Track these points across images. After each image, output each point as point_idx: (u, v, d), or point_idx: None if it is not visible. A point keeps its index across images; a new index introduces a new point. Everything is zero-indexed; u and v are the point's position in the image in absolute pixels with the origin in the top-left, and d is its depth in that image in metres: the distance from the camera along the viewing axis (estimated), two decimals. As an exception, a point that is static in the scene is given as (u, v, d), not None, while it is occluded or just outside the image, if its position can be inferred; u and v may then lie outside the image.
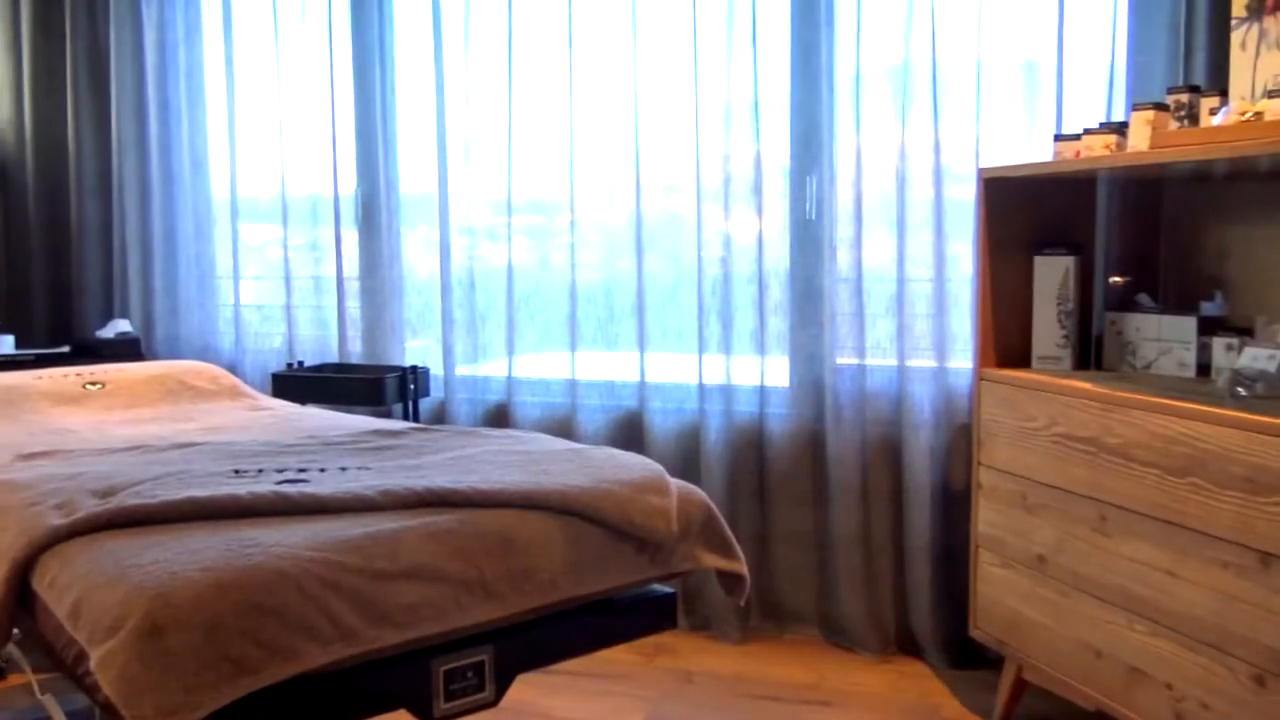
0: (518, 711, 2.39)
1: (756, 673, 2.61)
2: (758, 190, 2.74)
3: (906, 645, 2.73)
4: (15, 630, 1.41)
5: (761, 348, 2.78)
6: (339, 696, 1.30)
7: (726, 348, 2.80)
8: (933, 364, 2.61)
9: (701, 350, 2.81)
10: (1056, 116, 2.47)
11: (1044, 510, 2.07)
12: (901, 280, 2.62)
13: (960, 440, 2.62)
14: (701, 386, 2.81)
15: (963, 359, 2.61)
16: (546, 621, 1.49)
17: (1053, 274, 2.20)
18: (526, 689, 2.51)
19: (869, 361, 2.68)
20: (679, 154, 2.84)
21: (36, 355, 3.12)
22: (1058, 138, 2.21)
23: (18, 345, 3.41)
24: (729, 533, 1.67)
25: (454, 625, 1.37)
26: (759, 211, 2.75)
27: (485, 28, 2.98)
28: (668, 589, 1.65)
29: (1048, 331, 2.21)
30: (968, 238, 2.58)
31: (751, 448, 2.81)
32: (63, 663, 1.29)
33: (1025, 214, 2.28)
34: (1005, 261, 2.27)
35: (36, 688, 1.76)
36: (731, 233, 2.78)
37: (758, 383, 2.80)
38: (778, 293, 2.77)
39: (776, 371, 2.79)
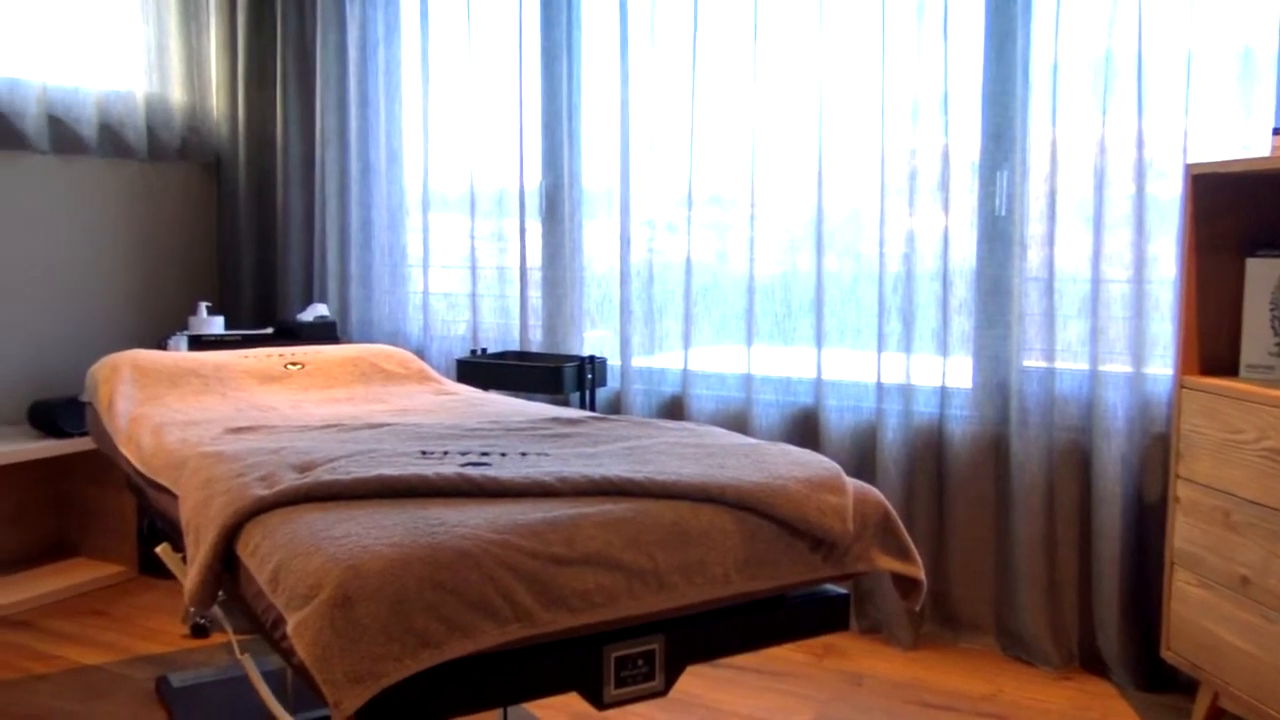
0: (685, 703, 2.40)
1: (929, 680, 2.54)
2: (944, 185, 2.66)
3: (1090, 662, 2.61)
4: (220, 593, 1.51)
5: (944, 347, 2.70)
6: (512, 676, 1.33)
7: (907, 346, 2.73)
8: (1128, 369, 2.48)
9: (881, 348, 2.76)
10: (1276, 108, 2.31)
11: (1250, 529, 1.94)
12: (1096, 280, 2.50)
13: (1156, 450, 2.48)
14: (880, 385, 2.75)
15: (1161, 365, 2.47)
16: (718, 615, 1.49)
17: (1267, 277, 2.06)
18: (694, 681, 2.52)
19: (1059, 364, 2.57)
20: (862, 148, 2.79)
21: (243, 336, 3.32)
22: (1276, 131, 2.06)
23: (227, 326, 3.64)
24: (906, 535, 1.63)
25: (626, 613, 1.38)
26: (945, 207, 2.67)
27: (671, 22, 3.00)
28: (841, 590, 1.62)
29: (1259, 338, 2.07)
30: (1171, 237, 2.44)
31: (930, 449, 2.74)
32: (261, 625, 1.37)
33: (1237, 213, 2.14)
34: (1212, 263, 2.13)
35: (236, 647, 1.88)
36: (915, 229, 2.71)
37: (938, 383, 2.72)
38: (963, 291, 2.69)
39: (959, 372, 2.71)
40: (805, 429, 2.90)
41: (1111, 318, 2.50)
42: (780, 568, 1.50)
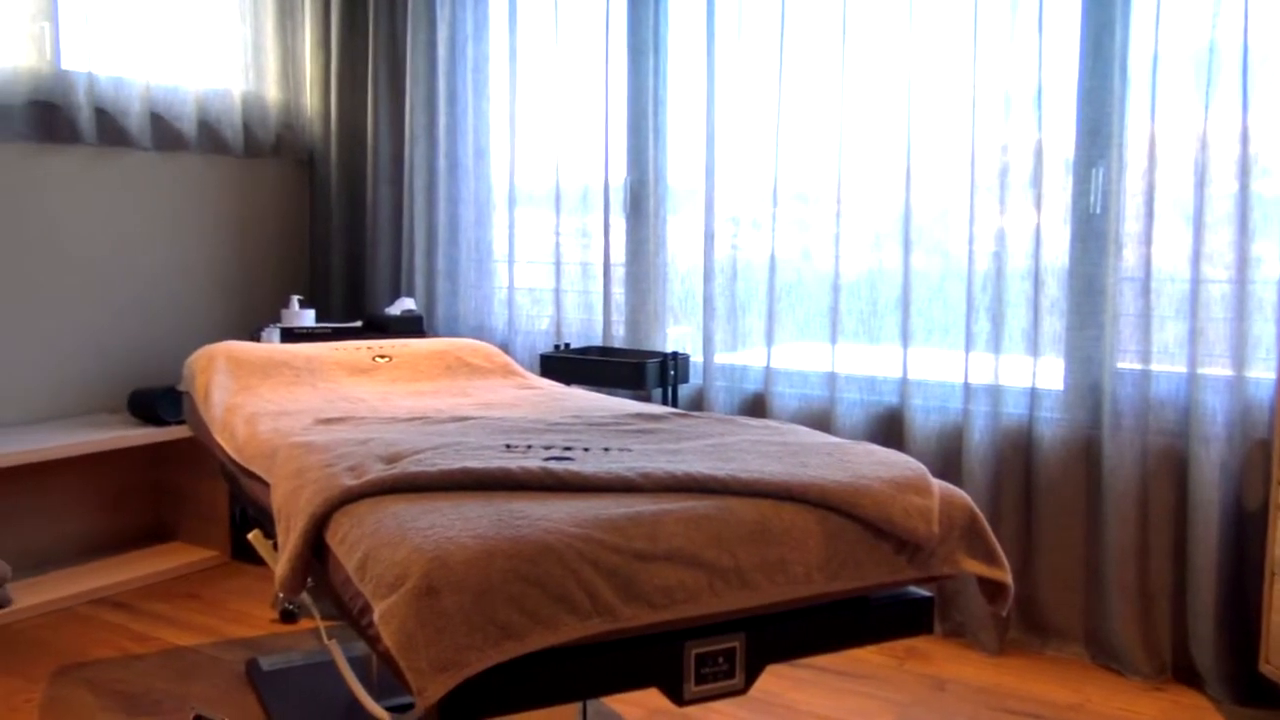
0: (765, 702, 2.39)
1: (1014, 687, 2.49)
2: (1037, 182, 2.61)
3: (1183, 674, 2.53)
4: (309, 580, 1.54)
5: (1034, 348, 2.65)
6: (593, 670, 1.34)
7: (996, 346, 2.68)
8: (1228, 372, 2.40)
9: (968, 348, 2.71)
10: (1391, 102, 2.21)
11: (1356, 540, 1.87)
12: (1195, 280, 2.42)
13: (1257, 456, 2.40)
14: (967, 385, 2.71)
15: (1265, 368, 2.39)
16: (799, 614, 1.48)
17: (1379, 278, 1.97)
18: (774, 680, 2.51)
19: (1154, 367, 2.50)
20: (952, 144, 2.74)
21: (333, 329, 3.39)
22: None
23: (317, 319, 3.72)
24: (993, 538, 1.60)
25: (707, 610, 1.38)
26: (1037, 204, 2.61)
27: (758, 16, 2.98)
28: (925, 592, 1.60)
29: (1370, 342, 1.99)
30: (1275, 236, 2.36)
31: (1018, 452, 2.69)
32: (349, 612, 1.40)
33: (1348, 211, 2.05)
34: (1321, 263, 2.05)
35: (324, 633, 1.92)
36: (1006, 226, 2.66)
37: (1028, 384, 2.67)
38: (1054, 290, 2.63)
39: (1049, 373, 2.65)
40: (890, 429, 2.87)
41: (1211, 319, 2.42)
42: (863, 568, 1.49)
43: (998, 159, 2.65)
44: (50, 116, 3.17)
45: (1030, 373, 2.66)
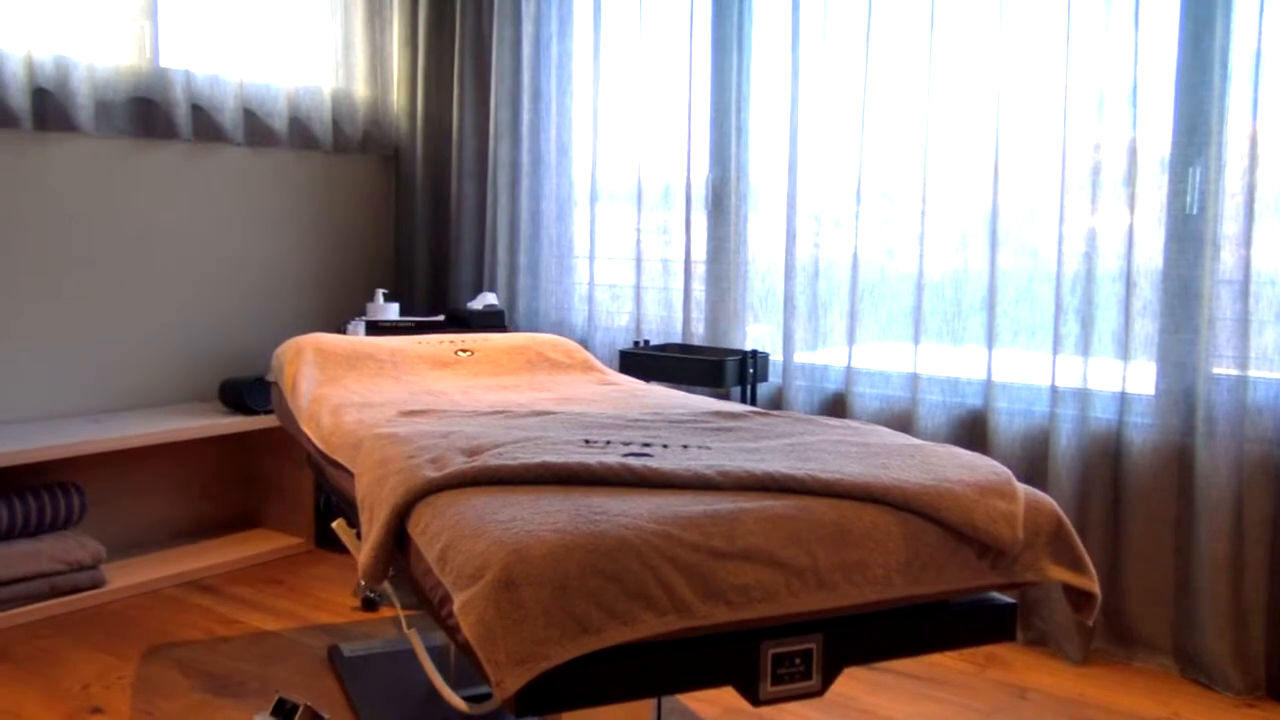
0: (841, 704, 2.37)
1: (1098, 698, 2.43)
2: (1130, 181, 2.54)
3: (1278, 690, 2.45)
4: (391, 569, 1.56)
5: (1124, 351, 2.58)
6: (669, 666, 1.34)
7: (1084, 349, 2.62)
8: (1331, 380, 2.32)
9: (1056, 350, 2.65)
10: None
11: None
12: (1298, 284, 2.34)
13: (1361, 468, 2.31)
14: (1054, 389, 2.65)
15: (1370, 376, 2.30)
16: (879, 617, 1.46)
17: None
18: (850, 683, 2.48)
19: (1252, 373, 2.42)
20: (1042, 142, 2.68)
21: (417, 322, 3.44)
22: None
23: (401, 313, 3.78)
24: (1080, 546, 1.56)
25: (784, 610, 1.37)
26: (1130, 204, 2.54)
27: (844, 12, 2.95)
28: (1008, 599, 1.57)
29: None
30: (1386, 238, 2.27)
31: (1107, 457, 2.62)
32: (429, 602, 1.41)
33: None
34: None
35: (403, 622, 1.95)
36: (1097, 226, 2.59)
37: (1118, 388, 2.60)
38: (1147, 292, 2.56)
39: (1140, 378, 2.58)
40: (973, 431, 2.82)
41: (1314, 324, 2.34)
42: (945, 573, 1.46)
43: (1090, 157, 2.59)
44: (149, 113, 3.27)
45: (1120, 377, 2.59)
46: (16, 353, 3.06)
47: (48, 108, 3.04)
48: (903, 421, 2.89)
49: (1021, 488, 1.56)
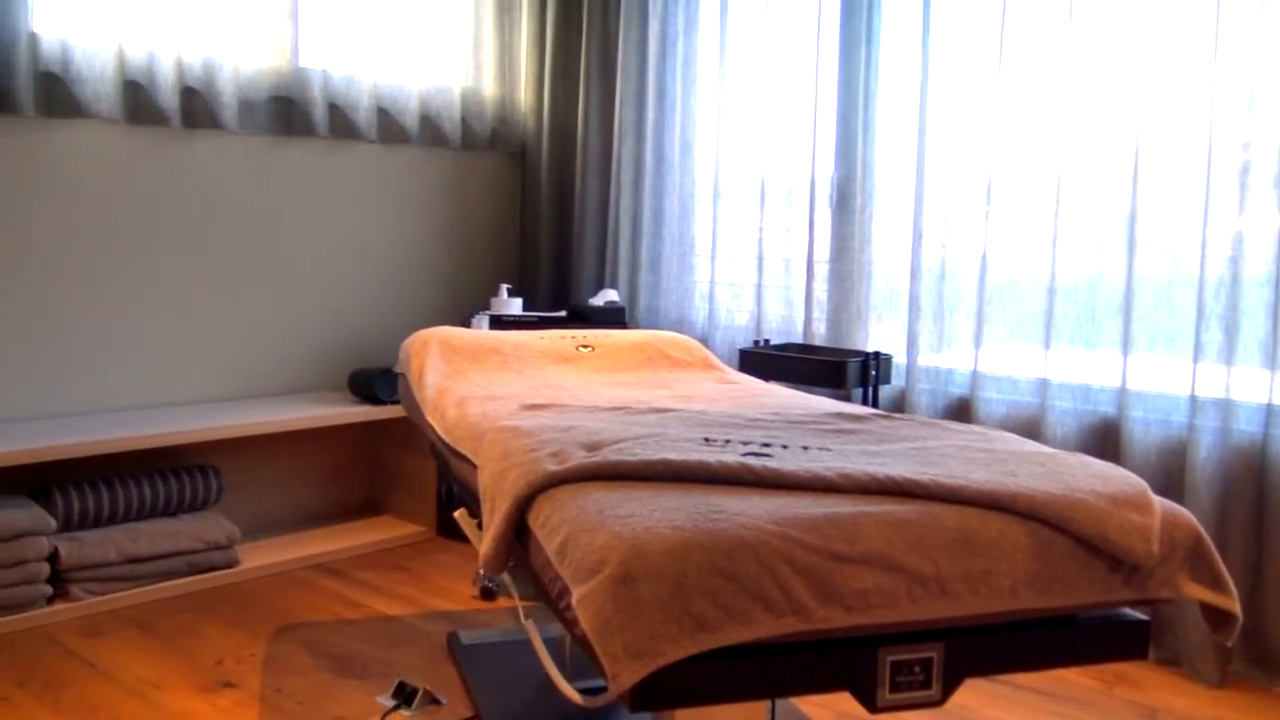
0: (960, 716, 2.32)
1: (1235, 723, 2.33)
2: (1282, 182, 2.42)
3: None
4: (510, 560, 1.59)
5: (1272, 361, 2.46)
6: (785, 669, 1.33)
7: (1228, 357, 2.50)
8: None
9: (1197, 358, 2.54)
10: None
11: None
12: None
13: None
14: (1193, 398, 2.54)
15: None
16: (1003, 628, 1.42)
17: None
18: (971, 694, 2.42)
19: None
20: (1186, 142, 2.57)
21: (539, 317, 3.48)
22: None
23: (524, 308, 3.84)
24: (1220, 563, 1.49)
25: (904, 617, 1.34)
26: (1282, 206, 2.42)
27: (978, 5, 2.88)
28: (1141, 615, 1.51)
29: None
30: None
31: (1250, 471, 2.50)
32: (547, 594, 1.43)
33: None
34: None
35: (521, 612, 1.98)
36: (1244, 229, 2.47)
37: (1264, 399, 2.48)
38: (1298, 299, 2.43)
39: (1289, 389, 2.46)
40: (1105, 440, 2.72)
41: None
42: (1074, 586, 1.42)
43: (1238, 157, 2.47)
44: (288, 111, 3.39)
45: (1267, 387, 2.47)
46: (160, 340, 3.21)
47: (195, 106, 3.18)
48: (1031, 428, 2.81)
49: (1157, 500, 1.50)
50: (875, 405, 2.96)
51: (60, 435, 2.80)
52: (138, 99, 3.08)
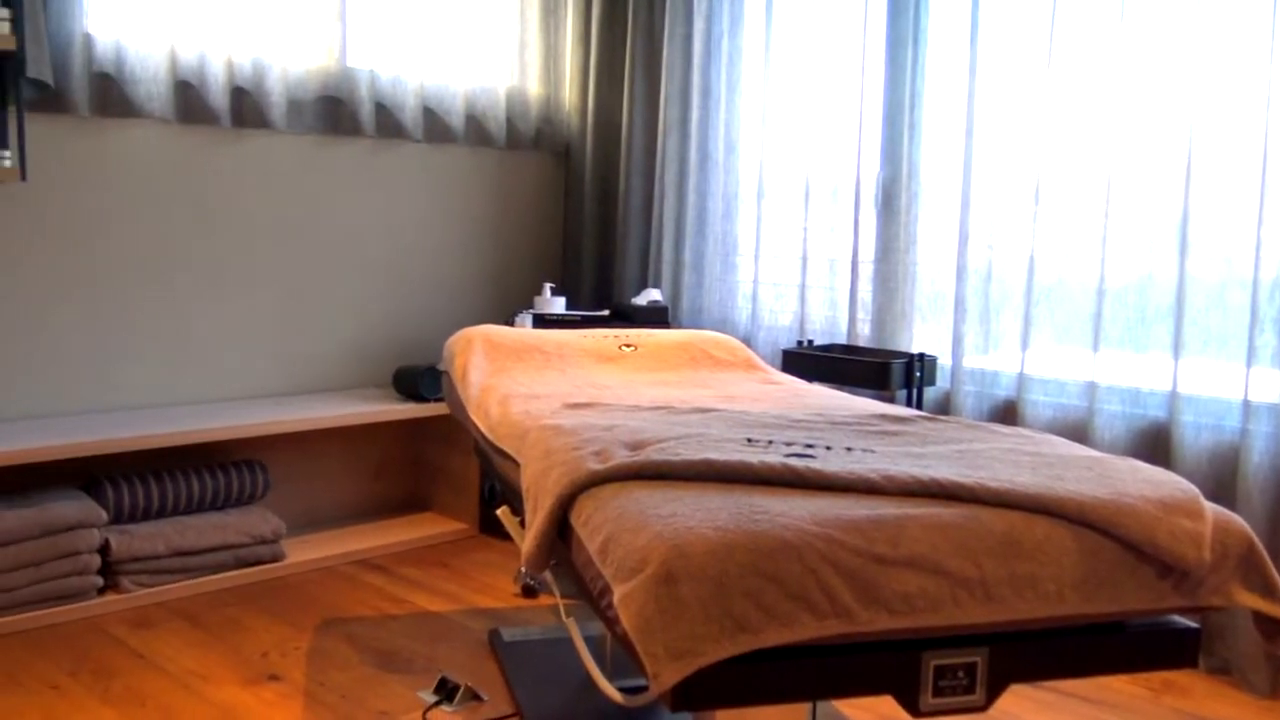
0: (1002, 721, 2.29)
1: (1287, 734, 2.28)
2: (1341, 183, 2.37)
3: None
4: (552, 558, 1.59)
5: (1328, 365, 2.41)
6: (827, 671, 1.32)
7: (1282, 361, 2.46)
8: None
9: (1250, 362, 2.49)
10: None
11: None
12: None
13: None
14: (1246, 403, 2.49)
15: None
16: (1049, 634, 1.41)
17: None
18: (1015, 700, 2.40)
19: None
20: (1240, 141, 2.52)
21: (582, 316, 3.49)
22: None
23: (568, 307, 3.85)
24: (1274, 570, 1.47)
25: (948, 621, 1.33)
26: (1340, 207, 2.37)
27: (1027, 4, 2.84)
28: (1191, 623, 1.49)
29: None
30: None
31: (1304, 478, 2.45)
32: (589, 593, 1.43)
33: None
34: None
35: (562, 610, 1.99)
36: (1301, 231, 2.42)
37: (1319, 405, 2.43)
38: (1356, 302, 2.38)
39: (1346, 394, 2.41)
40: (1155, 445, 2.68)
41: None
42: (1122, 592, 1.40)
43: (1295, 157, 2.43)
44: (336, 111, 3.42)
45: (1322, 392, 2.42)
46: (208, 337, 3.26)
47: (245, 106, 3.22)
48: (1078, 431, 2.78)
49: (1209, 506, 1.47)
50: (920, 407, 2.94)
51: (111, 430, 2.84)
52: (189, 99, 3.12)
